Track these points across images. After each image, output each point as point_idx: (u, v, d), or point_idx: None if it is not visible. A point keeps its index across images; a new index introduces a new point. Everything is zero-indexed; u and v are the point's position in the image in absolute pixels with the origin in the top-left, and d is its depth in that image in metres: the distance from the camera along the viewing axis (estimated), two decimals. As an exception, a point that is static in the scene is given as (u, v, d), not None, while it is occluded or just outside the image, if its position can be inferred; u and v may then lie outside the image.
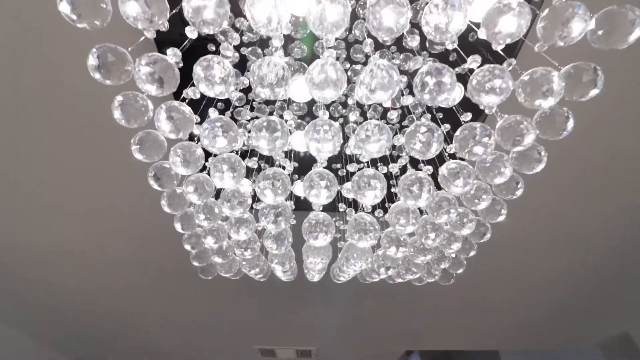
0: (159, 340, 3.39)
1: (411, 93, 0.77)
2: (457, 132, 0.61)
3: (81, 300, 2.69)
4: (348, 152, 1.05)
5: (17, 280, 2.44)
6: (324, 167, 0.69)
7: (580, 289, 2.53)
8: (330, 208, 0.93)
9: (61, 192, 1.71)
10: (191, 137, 0.81)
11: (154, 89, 0.54)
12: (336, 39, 0.96)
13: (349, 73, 1.05)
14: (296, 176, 1.33)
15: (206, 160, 0.80)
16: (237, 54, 0.97)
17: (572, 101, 0.65)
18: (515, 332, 3.14)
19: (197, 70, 0.53)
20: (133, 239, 2.07)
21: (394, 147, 1.03)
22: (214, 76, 0.53)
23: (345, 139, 1.12)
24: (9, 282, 2.47)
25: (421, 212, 0.86)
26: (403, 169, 0.87)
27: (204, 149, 0.68)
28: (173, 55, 0.63)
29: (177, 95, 0.98)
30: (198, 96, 0.72)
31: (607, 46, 0.55)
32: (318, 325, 3.11)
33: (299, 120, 1.16)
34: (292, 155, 1.15)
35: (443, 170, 0.69)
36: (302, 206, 1.20)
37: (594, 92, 0.60)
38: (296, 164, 1.24)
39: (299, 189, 1.25)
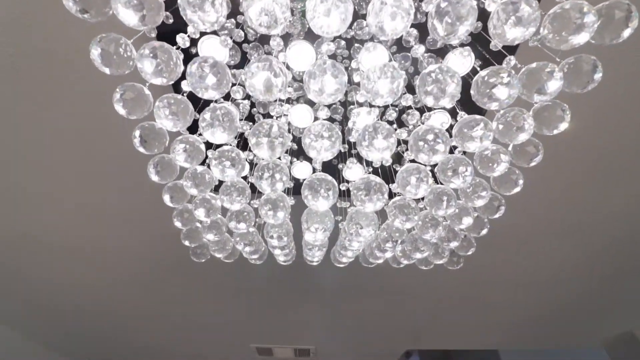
0: (157, 339, 3.34)
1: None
2: (476, 77, 0.54)
3: (80, 300, 2.66)
4: (350, 124, 0.99)
5: (17, 279, 2.41)
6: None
7: (583, 287, 2.47)
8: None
9: (61, 190, 1.69)
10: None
11: (134, 17, 0.48)
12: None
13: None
14: (295, 158, 1.26)
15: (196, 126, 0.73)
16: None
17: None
18: (516, 332, 3.08)
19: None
20: (132, 239, 2.04)
21: (400, 112, 0.96)
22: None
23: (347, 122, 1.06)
24: (8, 281, 2.44)
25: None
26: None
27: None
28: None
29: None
30: (188, 44, 0.65)
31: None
32: (316, 324, 3.04)
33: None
34: (291, 133, 1.09)
35: (456, 127, 0.63)
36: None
37: (627, 32, 0.54)
38: (295, 145, 1.17)
39: (298, 170, 1.18)
